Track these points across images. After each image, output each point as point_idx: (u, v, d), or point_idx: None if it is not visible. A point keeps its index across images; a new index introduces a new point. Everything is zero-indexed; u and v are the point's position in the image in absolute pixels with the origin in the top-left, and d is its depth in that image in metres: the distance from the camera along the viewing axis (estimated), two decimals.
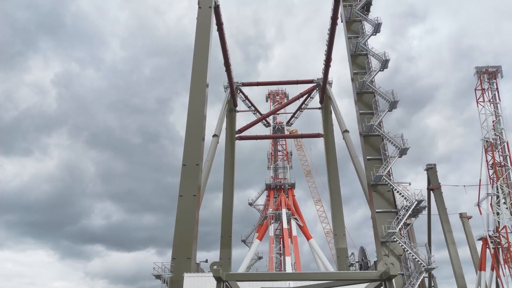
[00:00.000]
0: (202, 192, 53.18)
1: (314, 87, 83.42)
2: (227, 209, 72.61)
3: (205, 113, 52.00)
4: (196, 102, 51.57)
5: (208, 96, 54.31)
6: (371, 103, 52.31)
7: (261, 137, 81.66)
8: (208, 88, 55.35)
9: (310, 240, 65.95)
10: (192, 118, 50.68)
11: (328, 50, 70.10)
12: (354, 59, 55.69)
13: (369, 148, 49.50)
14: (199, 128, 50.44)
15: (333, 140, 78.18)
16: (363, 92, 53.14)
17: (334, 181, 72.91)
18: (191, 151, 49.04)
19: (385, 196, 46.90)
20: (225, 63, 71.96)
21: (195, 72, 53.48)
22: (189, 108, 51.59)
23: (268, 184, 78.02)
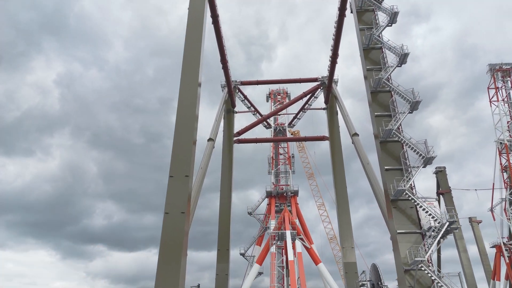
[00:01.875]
0: (194, 207, 44.98)
1: (319, 85, 74.99)
2: (224, 219, 64.31)
3: (197, 115, 43.73)
4: (186, 104, 43.23)
5: (200, 97, 45.97)
6: (387, 104, 43.96)
7: (261, 140, 73.23)
8: (201, 88, 47.10)
9: (319, 264, 57.61)
10: (181, 122, 42.35)
11: (335, 44, 61.64)
12: (366, 54, 47.29)
13: (386, 156, 41.16)
14: (189, 133, 42.11)
15: (339, 144, 69.76)
16: (378, 91, 44.77)
17: (341, 191, 64.49)
18: (179, 160, 40.72)
19: (407, 213, 38.59)
20: (222, 59, 63.58)
21: (185, 70, 45.12)
22: (178, 110, 43.22)
23: (269, 192, 69.62)
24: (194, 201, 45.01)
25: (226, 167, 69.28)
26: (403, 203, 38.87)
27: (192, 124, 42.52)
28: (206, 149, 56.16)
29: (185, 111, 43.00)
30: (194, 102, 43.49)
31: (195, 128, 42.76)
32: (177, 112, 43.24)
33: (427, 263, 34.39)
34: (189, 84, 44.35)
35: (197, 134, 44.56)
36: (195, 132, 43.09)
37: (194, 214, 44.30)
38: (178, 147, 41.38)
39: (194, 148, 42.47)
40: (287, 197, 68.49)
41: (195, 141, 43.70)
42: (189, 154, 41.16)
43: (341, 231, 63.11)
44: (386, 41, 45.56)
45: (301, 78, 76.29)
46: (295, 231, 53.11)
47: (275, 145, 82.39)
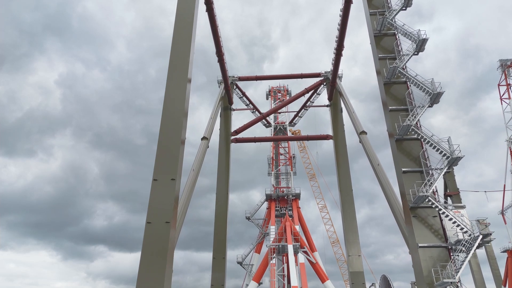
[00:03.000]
0: (182, 214, 38.78)
1: (322, 81, 68.59)
2: (220, 225, 57.90)
3: (186, 113, 37.60)
4: (173, 100, 37.06)
5: (190, 93, 39.97)
6: (402, 97, 37.65)
7: (260, 140, 66.64)
8: (191, 84, 41.14)
9: (325, 282, 51.18)
10: (167, 119, 36.16)
11: (340, 35, 55.27)
12: (378, 41, 40.97)
13: (403, 157, 34.83)
14: (176, 132, 35.90)
15: (344, 143, 63.35)
16: (392, 83, 38.45)
17: (347, 196, 57.98)
18: (165, 161, 34.52)
19: (429, 223, 32.21)
20: (217, 51, 57.28)
21: (173, 63, 39.04)
22: (164, 106, 36.97)
23: (268, 195, 63.16)
24: (183, 208, 38.77)
25: (222, 168, 62.91)
26: (423, 211, 32.53)
27: (179, 122, 36.29)
28: (199, 149, 49.89)
29: (172, 108, 36.81)
30: (182, 98, 37.33)
31: (183, 126, 36.51)
32: (163, 109, 37.04)
33: (457, 286, 28.03)
34: (176, 78, 38.26)
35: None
36: (183, 130, 36.81)
37: (183, 223, 38.03)
38: (164, 147, 35.18)
39: (182, 148, 36.21)
40: (288, 200, 62.07)
41: (184, 140, 37.49)
42: (176, 154, 34.90)
43: (347, 238, 56.66)
44: (401, 25, 39.26)
45: (303, 73, 69.94)
46: (298, 244, 46.61)
47: (275, 145, 76.16)
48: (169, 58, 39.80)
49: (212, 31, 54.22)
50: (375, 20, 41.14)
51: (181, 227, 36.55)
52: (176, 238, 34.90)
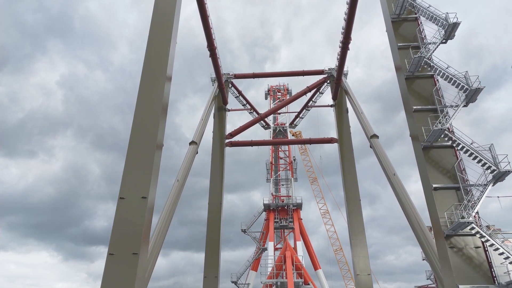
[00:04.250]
0: (160, 236, 31.06)
1: (325, 79, 60.72)
2: (212, 241, 49.83)
3: (162, 113, 30.01)
4: (147, 102, 29.55)
5: (170, 93, 32.44)
6: (429, 95, 29.81)
7: (258, 143, 58.62)
8: (171, 82, 33.72)
9: None
10: (139, 123, 28.62)
11: (347, 25, 47.39)
12: (396, 27, 33.14)
13: (433, 170, 26.96)
14: (149, 137, 28.30)
15: (350, 147, 55.43)
16: (414, 77, 30.60)
17: (354, 210, 50.05)
18: (135, 174, 26.92)
19: (470, 255, 24.42)
20: (208, 45, 49.48)
21: (149, 58, 31.52)
22: (137, 107, 29.48)
23: (266, 205, 55.18)
24: (161, 230, 30.98)
25: (216, 175, 54.91)
26: (462, 240, 24.72)
27: (154, 125, 28.66)
28: (186, 155, 42.10)
29: (146, 109, 29.22)
30: (158, 97, 29.79)
31: (159, 128, 28.84)
32: (135, 110, 29.42)
33: None
34: (153, 75, 30.71)
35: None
36: (159, 134, 29.18)
37: (159, 251, 30.05)
38: (134, 157, 27.55)
39: (157, 155, 28.55)
40: (288, 211, 54.08)
41: (160, 145, 29.86)
42: (149, 165, 27.27)
43: (355, 255, 48.77)
44: (426, 7, 31.39)
45: (305, 70, 62.05)
46: (301, 280, 38.52)
47: (275, 148, 68.23)
48: (145, 53, 32.23)
49: (202, 21, 46.43)
50: (392, 2, 33.29)
51: (157, 255, 28.74)
52: (149, 270, 27.19)
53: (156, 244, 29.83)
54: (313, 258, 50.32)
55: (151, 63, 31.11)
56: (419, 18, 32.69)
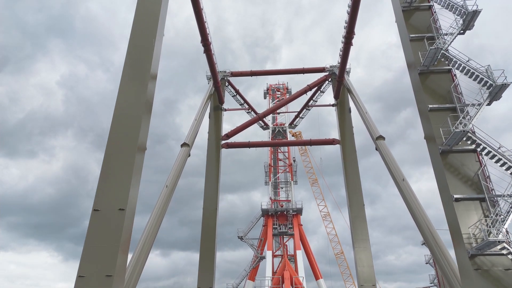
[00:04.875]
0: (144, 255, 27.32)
1: (327, 77, 56.99)
2: (207, 252, 45.92)
3: (145, 113, 26.33)
4: (128, 101, 25.92)
5: (154, 92, 28.85)
6: (445, 92, 26.04)
7: (256, 144, 54.70)
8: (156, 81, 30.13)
9: None
10: (118, 125, 24.99)
11: (351, 19, 43.60)
12: (407, 17, 29.37)
13: (454, 178, 23.18)
14: (131, 142, 24.63)
15: (353, 149, 51.63)
16: (429, 72, 26.81)
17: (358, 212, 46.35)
18: (111, 183, 23.26)
19: (495, 276, 20.59)
20: (202, 40, 45.66)
21: (131, 54, 27.91)
22: (116, 110, 25.83)
23: (264, 210, 51.38)
24: (146, 243, 27.20)
25: (211, 178, 51.06)
26: (488, 261, 20.92)
27: (135, 126, 25.02)
28: (177, 158, 38.35)
29: (127, 109, 25.66)
30: (142, 97, 26.17)
31: (140, 131, 25.15)
32: (114, 111, 25.79)
33: None
34: (134, 74, 27.15)
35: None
36: (142, 137, 25.50)
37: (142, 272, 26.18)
38: (112, 162, 23.87)
39: (139, 160, 24.90)
40: (288, 216, 50.27)
41: (143, 148, 26.18)
42: (129, 173, 23.59)
43: (359, 263, 44.97)
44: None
45: (305, 68, 58.32)
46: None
47: (274, 150, 64.42)
48: (127, 48, 28.57)
49: (195, 15, 42.67)
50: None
51: (138, 278, 24.88)
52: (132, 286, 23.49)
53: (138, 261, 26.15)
54: (314, 267, 46.64)
55: (134, 59, 27.47)
56: (433, 6, 28.91)
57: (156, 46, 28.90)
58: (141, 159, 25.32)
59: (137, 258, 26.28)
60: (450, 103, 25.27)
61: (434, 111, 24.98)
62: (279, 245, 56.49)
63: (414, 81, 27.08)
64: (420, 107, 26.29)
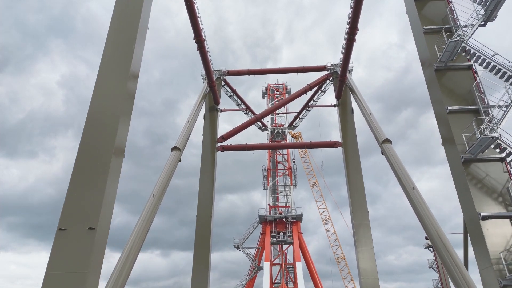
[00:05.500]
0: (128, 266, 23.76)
1: (328, 76, 53.35)
2: (200, 263, 42.34)
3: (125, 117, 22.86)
4: (102, 104, 22.44)
5: (135, 92, 25.36)
6: (465, 91, 22.54)
7: (253, 147, 51.09)
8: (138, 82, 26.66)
9: None
10: (92, 132, 21.48)
11: (354, 12, 39.87)
12: (420, 7, 25.86)
13: (479, 193, 19.69)
14: (106, 146, 21.15)
15: (356, 152, 47.96)
16: (446, 69, 23.30)
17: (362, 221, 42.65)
18: (80, 197, 19.78)
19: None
20: (196, 37, 42.04)
21: (109, 50, 24.37)
22: (89, 114, 22.36)
23: (262, 217, 47.82)
24: (125, 268, 23.69)
25: (205, 184, 47.41)
26: None
27: (111, 131, 21.50)
28: (166, 164, 34.77)
29: (101, 113, 22.08)
30: (119, 98, 22.61)
31: (117, 133, 21.68)
32: (89, 111, 22.32)
33: None
34: (111, 72, 23.53)
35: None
36: (119, 140, 22.03)
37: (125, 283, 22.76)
38: (82, 170, 20.42)
39: (114, 168, 21.44)
40: (287, 223, 46.70)
41: (121, 153, 22.69)
42: (101, 183, 20.14)
43: (363, 274, 41.37)
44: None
45: (305, 66, 54.73)
46: None
47: (273, 151, 60.91)
48: (105, 42, 25.08)
49: (187, 8, 39.09)
50: None
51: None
52: None
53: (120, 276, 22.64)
54: (315, 279, 43.08)
55: (111, 54, 23.98)
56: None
57: (138, 40, 25.40)
58: (117, 167, 21.84)
59: (116, 276, 22.83)
60: (472, 104, 21.72)
61: (453, 113, 21.45)
62: (278, 252, 53.19)
63: (429, 79, 23.56)
64: (436, 109, 22.78)
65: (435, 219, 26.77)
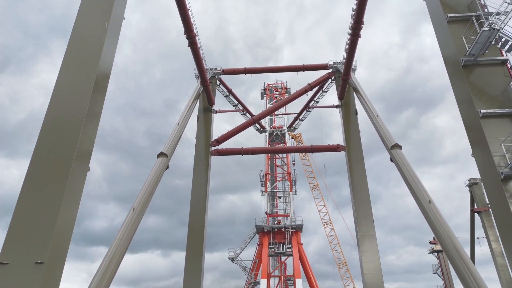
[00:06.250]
0: None
1: (330, 75, 49.25)
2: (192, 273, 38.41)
3: (91, 120, 18.78)
4: (63, 106, 18.27)
5: (106, 94, 21.30)
6: (501, 92, 18.40)
7: (250, 151, 46.90)
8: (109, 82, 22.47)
9: None
10: (49, 136, 17.34)
11: (359, 5, 35.84)
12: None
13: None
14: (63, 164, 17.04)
15: (360, 157, 43.84)
16: (475, 64, 19.16)
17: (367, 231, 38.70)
18: (25, 226, 15.68)
19: None
20: (186, 31, 37.86)
21: (72, 42, 20.20)
22: (46, 120, 18.23)
23: (259, 227, 43.72)
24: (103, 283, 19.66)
25: (198, 190, 43.29)
26: None
27: (71, 140, 17.46)
28: (151, 172, 30.68)
29: (59, 118, 18.02)
30: (82, 102, 18.56)
31: (80, 136, 17.65)
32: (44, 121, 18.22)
33: None
34: (75, 68, 19.47)
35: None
36: (86, 145, 18.02)
37: None
38: (34, 185, 16.39)
39: (73, 186, 17.38)
40: (286, 234, 42.60)
41: (85, 167, 18.68)
42: (55, 204, 16.11)
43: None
44: None
45: (305, 65, 50.69)
46: None
47: (271, 155, 56.78)
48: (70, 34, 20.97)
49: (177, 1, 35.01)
50: None
51: None
52: None
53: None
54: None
55: (76, 47, 19.95)
56: None
57: (111, 32, 21.29)
58: (79, 183, 17.79)
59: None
60: (509, 107, 17.58)
61: (487, 117, 17.31)
62: (277, 263, 49.03)
63: (455, 76, 19.43)
64: (465, 113, 18.65)
65: (455, 237, 22.96)
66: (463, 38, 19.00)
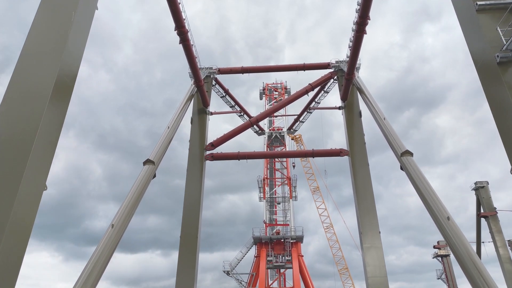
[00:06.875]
0: None
1: (332, 74, 45.83)
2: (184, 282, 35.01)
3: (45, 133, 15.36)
4: (17, 111, 14.81)
5: (72, 90, 17.80)
6: None
7: (247, 156, 43.42)
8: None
9: None
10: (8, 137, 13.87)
11: (364, 1, 32.47)
12: None
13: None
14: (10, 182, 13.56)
15: (365, 162, 40.44)
16: (510, 61, 15.73)
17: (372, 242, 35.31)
18: None
19: None
20: (177, 27, 34.44)
21: (32, 37, 16.75)
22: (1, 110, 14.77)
23: (257, 238, 40.36)
24: None
25: (192, 197, 39.87)
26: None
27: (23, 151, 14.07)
28: (136, 181, 27.33)
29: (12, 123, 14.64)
30: (39, 105, 15.15)
31: (34, 142, 14.28)
32: None
33: None
34: (30, 69, 16.10)
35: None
36: (37, 171, 14.64)
37: None
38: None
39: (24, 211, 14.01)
40: (285, 245, 39.24)
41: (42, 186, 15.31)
42: None
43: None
44: None
45: (306, 64, 47.29)
46: None
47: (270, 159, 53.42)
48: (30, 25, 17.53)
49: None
50: None
51: None
52: None
53: None
54: None
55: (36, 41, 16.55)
56: None
57: (79, 23, 17.88)
58: (31, 210, 14.42)
59: None
60: None
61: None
62: (276, 275, 45.65)
63: (487, 76, 16.00)
64: (501, 120, 15.19)
65: (479, 261, 19.84)
66: (499, 29, 15.59)
